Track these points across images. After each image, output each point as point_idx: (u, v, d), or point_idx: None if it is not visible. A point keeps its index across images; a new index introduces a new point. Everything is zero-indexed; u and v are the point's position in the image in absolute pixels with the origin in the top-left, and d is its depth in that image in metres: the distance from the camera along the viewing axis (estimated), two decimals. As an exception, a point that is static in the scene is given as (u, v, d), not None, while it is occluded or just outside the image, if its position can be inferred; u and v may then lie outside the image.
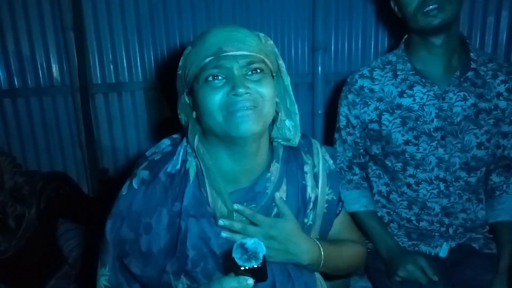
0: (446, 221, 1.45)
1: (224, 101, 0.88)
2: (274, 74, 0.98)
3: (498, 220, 1.47)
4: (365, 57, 2.50)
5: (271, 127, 1.04)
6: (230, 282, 0.78)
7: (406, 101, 1.41)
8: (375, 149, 1.50)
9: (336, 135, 1.57)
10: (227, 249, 0.88)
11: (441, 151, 1.39)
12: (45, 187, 1.67)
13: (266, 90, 0.91)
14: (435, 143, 1.39)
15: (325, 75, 2.47)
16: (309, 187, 1.05)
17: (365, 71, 1.49)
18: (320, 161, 1.09)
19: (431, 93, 1.39)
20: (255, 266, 0.76)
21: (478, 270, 1.39)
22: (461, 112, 1.38)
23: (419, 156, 1.41)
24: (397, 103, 1.42)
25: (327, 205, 1.09)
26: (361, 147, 1.54)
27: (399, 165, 1.45)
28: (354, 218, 1.53)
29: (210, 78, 0.89)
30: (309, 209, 1.05)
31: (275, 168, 1.00)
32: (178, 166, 0.99)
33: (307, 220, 1.06)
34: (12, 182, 1.54)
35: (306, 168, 1.06)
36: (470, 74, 1.40)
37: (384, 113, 1.43)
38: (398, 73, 1.44)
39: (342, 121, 1.53)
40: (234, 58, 0.88)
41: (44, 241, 1.70)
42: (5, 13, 2.23)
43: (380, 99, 1.44)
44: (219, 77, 0.89)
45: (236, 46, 0.89)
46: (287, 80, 1.00)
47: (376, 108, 1.44)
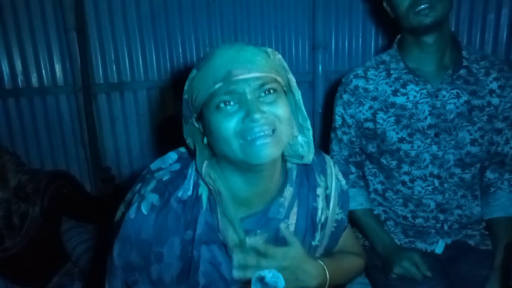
0: (441, 217, 1.47)
1: (240, 128, 0.84)
2: (285, 89, 0.93)
3: (493, 217, 1.48)
4: (365, 56, 2.52)
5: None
6: None
7: (400, 100, 1.43)
8: (371, 148, 1.52)
9: (332, 135, 1.59)
10: (245, 280, 0.88)
11: (435, 148, 1.41)
12: (49, 186, 1.70)
13: (282, 111, 0.87)
14: (429, 140, 1.41)
15: (326, 74, 2.49)
16: (320, 210, 1.03)
17: (360, 71, 1.51)
18: (333, 182, 1.07)
19: (424, 91, 1.41)
20: None
21: (474, 266, 1.41)
22: (454, 110, 1.40)
23: (414, 154, 1.42)
24: (391, 102, 1.44)
25: (336, 224, 1.09)
26: (357, 146, 1.56)
27: (394, 163, 1.47)
28: (351, 216, 1.56)
29: (222, 105, 0.84)
30: (317, 232, 1.04)
31: (289, 193, 0.98)
32: (190, 192, 0.94)
33: (314, 242, 1.05)
34: (16, 181, 1.57)
35: (319, 191, 1.03)
36: (463, 72, 1.42)
37: (379, 112, 1.45)
38: (392, 72, 1.45)
39: (338, 121, 1.55)
40: (246, 82, 0.83)
41: (48, 239, 1.73)
42: (9, 15, 2.27)
43: (375, 98, 1.46)
44: (231, 103, 0.84)
45: (246, 68, 0.83)
46: (298, 95, 0.95)
47: (371, 107, 1.46)
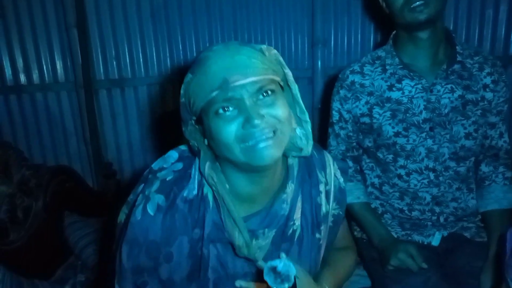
0: (437, 210, 1.49)
1: (241, 134, 0.84)
2: (282, 84, 0.92)
3: (488, 209, 1.51)
4: (364, 52, 2.53)
5: None
6: None
7: (395, 95, 1.45)
8: (367, 142, 1.54)
9: (330, 130, 1.62)
10: (257, 269, 0.89)
11: (430, 142, 1.44)
12: (51, 181, 1.73)
13: (281, 111, 0.86)
14: (424, 134, 1.43)
15: (325, 70, 2.50)
16: (323, 206, 1.05)
17: (356, 67, 1.53)
18: (332, 179, 1.08)
19: (419, 86, 1.43)
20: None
21: (470, 258, 1.44)
22: (449, 104, 1.42)
23: (409, 147, 1.45)
24: (387, 97, 1.46)
25: (333, 219, 1.11)
26: (354, 141, 1.58)
27: (390, 157, 1.49)
28: (348, 210, 1.58)
29: (221, 111, 0.84)
30: (322, 226, 1.06)
31: (291, 190, 0.98)
32: (195, 191, 0.95)
33: (319, 236, 1.06)
34: (20, 175, 1.60)
35: (321, 188, 1.05)
36: (457, 67, 1.44)
37: (375, 107, 1.47)
38: (387, 68, 1.48)
39: (335, 116, 1.57)
40: (243, 87, 0.83)
41: (51, 232, 1.76)
42: (10, 11, 2.29)
43: (371, 93, 1.48)
44: (230, 108, 0.84)
45: (243, 74, 0.82)
46: (295, 89, 0.94)
47: (367, 102, 1.48)
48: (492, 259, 1.40)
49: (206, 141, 0.93)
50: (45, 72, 2.41)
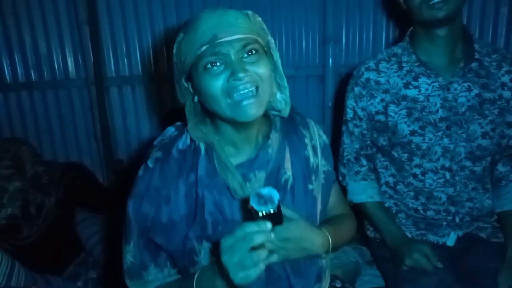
0: (453, 210, 1.47)
1: (226, 87, 0.91)
2: (266, 49, 1.00)
3: (505, 210, 1.49)
4: (376, 50, 2.50)
5: None
6: (252, 226, 0.82)
7: (412, 92, 1.43)
8: (382, 141, 1.53)
9: (344, 127, 1.60)
10: (245, 199, 0.93)
11: (446, 141, 1.42)
12: (63, 177, 1.73)
13: (264, 70, 0.94)
14: (441, 133, 1.41)
15: (336, 68, 2.48)
16: (311, 156, 1.12)
17: (371, 64, 1.51)
18: (316, 136, 1.16)
19: (436, 84, 1.41)
20: (271, 212, 0.82)
21: (486, 259, 1.42)
22: (466, 103, 1.40)
23: (425, 146, 1.43)
24: (403, 95, 1.44)
25: (324, 176, 1.15)
26: (368, 139, 1.57)
27: (406, 156, 1.47)
28: (361, 209, 1.57)
29: (209, 66, 0.92)
30: (313, 177, 1.11)
31: (274, 137, 1.07)
32: (188, 142, 1.05)
33: (312, 187, 1.11)
34: (33, 171, 1.60)
35: (306, 140, 1.13)
36: (474, 65, 1.42)
37: (390, 105, 1.45)
38: (404, 65, 1.46)
39: (349, 114, 1.56)
40: (230, 44, 0.91)
41: (63, 229, 1.76)
42: (22, 8, 2.29)
43: (386, 91, 1.46)
44: (217, 63, 0.92)
45: (230, 31, 0.91)
46: (276, 56, 1.03)
47: (382, 100, 1.47)
48: (510, 260, 1.38)
49: (196, 98, 1.01)
50: (57, 69, 2.40)
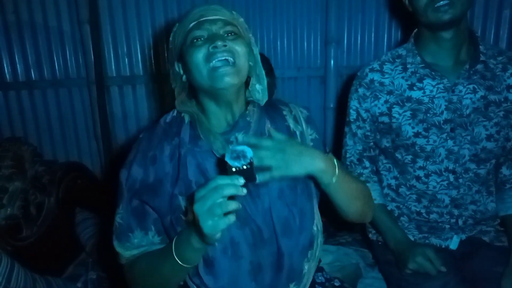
0: (456, 213, 1.46)
1: (206, 54, 1.01)
2: (247, 44, 1.10)
3: (509, 213, 1.48)
4: (378, 51, 2.50)
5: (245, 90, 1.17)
6: (224, 179, 0.86)
7: (416, 94, 1.42)
8: (385, 142, 1.52)
9: (346, 129, 1.59)
10: (222, 156, 0.97)
11: (451, 143, 1.41)
12: (64, 177, 1.73)
13: (241, 48, 1.03)
14: (445, 135, 1.41)
15: (338, 69, 2.48)
16: (291, 124, 1.17)
17: (375, 65, 1.50)
18: (298, 110, 1.21)
19: (441, 86, 1.40)
20: (244, 167, 0.87)
21: (489, 263, 1.41)
22: (471, 105, 1.39)
23: (429, 148, 1.42)
24: (407, 96, 1.43)
25: (313, 144, 1.18)
26: (371, 141, 1.56)
27: (409, 158, 1.46)
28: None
29: (195, 41, 1.03)
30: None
31: (252, 110, 1.13)
32: (175, 114, 1.15)
33: None
34: (33, 171, 1.60)
35: (285, 112, 1.19)
36: (480, 67, 1.41)
37: (395, 106, 1.44)
38: (408, 67, 1.45)
39: (352, 115, 1.55)
40: (213, 21, 1.05)
41: (63, 229, 1.75)
42: (23, 7, 2.28)
43: (390, 92, 1.45)
44: (202, 38, 1.03)
45: (214, 13, 1.06)
46: (256, 50, 1.14)
47: (387, 101, 1.46)
48: (515, 264, 1.37)
49: (185, 77, 1.11)
50: (57, 68, 2.40)
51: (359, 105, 1.51)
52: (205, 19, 1.05)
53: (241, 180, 0.86)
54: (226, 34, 1.04)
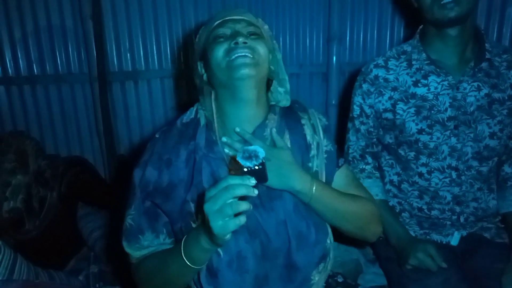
0: (457, 210, 1.47)
1: (227, 49, 1.03)
2: (271, 53, 1.12)
3: (510, 210, 1.48)
4: (380, 48, 2.50)
5: (267, 93, 1.18)
6: (235, 179, 0.84)
7: (421, 91, 1.42)
8: (388, 139, 1.52)
9: (350, 124, 1.59)
10: (234, 156, 0.98)
11: (454, 140, 1.41)
12: (67, 172, 1.73)
13: (262, 48, 1.05)
14: (448, 132, 1.41)
15: (340, 66, 2.47)
16: (308, 135, 1.15)
17: (380, 61, 1.50)
18: (316, 118, 1.21)
19: (446, 83, 1.40)
20: (256, 168, 0.86)
21: (490, 259, 1.41)
22: (475, 102, 1.39)
23: (432, 145, 1.42)
24: (412, 93, 1.43)
25: (327, 155, 1.17)
26: (374, 137, 1.56)
27: (412, 154, 1.47)
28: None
29: (218, 37, 1.06)
30: (312, 155, 1.13)
31: (272, 117, 1.13)
32: (193, 115, 1.15)
33: (311, 165, 1.13)
34: (36, 166, 1.60)
35: (303, 121, 1.18)
36: (484, 65, 1.41)
37: (399, 103, 1.44)
38: (413, 63, 1.45)
39: (356, 111, 1.55)
40: (237, 21, 1.08)
41: (65, 223, 1.76)
42: (26, 2, 2.28)
43: (395, 89, 1.46)
44: (225, 36, 1.06)
45: (238, 14, 1.10)
46: (279, 56, 1.16)
47: (391, 98, 1.46)
48: (516, 261, 1.37)
49: (205, 76, 1.13)
50: (59, 64, 2.39)
51: (363, 101, 1.52)
52: (229, 18, 1.08)
53: (253, 181, 0.83)
54: (249, 34, 1.07)
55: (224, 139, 1.07)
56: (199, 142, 1.07)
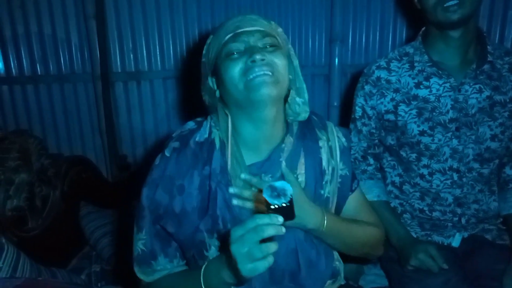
0: (459, 211, 1.47)
1: (244, 68, 0.96)
2: (286, 57, 1.04)
3: (511, 212, 1.48)
4: (383, 50, 2.50)
5: (284, 105, 1.11)
6: (263, 218, 0.80)
7: (423, 92, 1.43)
8: (390, 140, 1.52)
9: (352, 126, 1.60)
10: (258, 192, 0.94)
11: (455, 142, 1.41)
12: (69, 171, 1.74)
13: (280, 61, 0.99)
14: (450, 134, 1.41)
15: (342, 67, 2.48)
16: (324, 161, 1.11)
17: (382, 62, 1.51)
18: (335, 137, 1.16)
19: (448, 85, 1.41)
20: (284, 205, 0.82)
21: (491, 260, 1.42)
22: (476, 104, 1.40)
23: (434, 147, 1.43)
24: (414, 94, 1.44)
25: (341, 180, 1.15)
26: (376, 138, 1.57)
27: (414, 156, 1.47)
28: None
29: (231, 53, 0.98)
30: (325, 181, 1.11)
31: (289, 141, 1.07)
32: (206, 135, 1.07)
33: (323, 192, 1.10)
34: (39, 164, 1.60)
35: (321, 143, 1.12)
36: (486, 67, 1.41)
37: (401, 104, 1.45)
38: (415, 65, 1.45)
39: (358, 112, 1.55)
40: (250, 33, 0.99)
41: (67, 222, 1.76)
42: (29, 1, 2.28)
43: (397, 90, 1.46)
44: (239, 51, 0.98)
45: (251, 24, 1.00)
46: (296, 62, 1.09)
47: (393, 99, 1.46)
48: (516, 263, 1.38)
49: (218, 93, 1.05)
50: (62, 63, 2.40)
51: (365, 102, 1.52)
52: (242, 31, 0.99)
53: (281, 219, 0.80)
54: (265, 47, 0.99)
55: (243, 176, 1.01)
56: (215, 168, 1.02)
